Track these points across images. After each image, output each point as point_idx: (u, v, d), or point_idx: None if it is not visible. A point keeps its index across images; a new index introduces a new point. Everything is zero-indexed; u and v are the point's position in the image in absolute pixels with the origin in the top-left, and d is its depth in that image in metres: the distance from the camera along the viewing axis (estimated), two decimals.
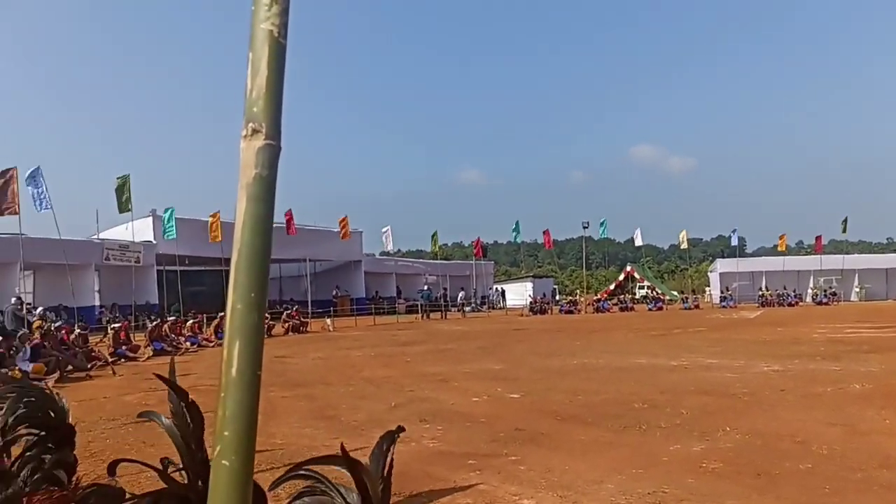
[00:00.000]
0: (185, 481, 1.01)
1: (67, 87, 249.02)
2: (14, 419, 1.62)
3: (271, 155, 0.67)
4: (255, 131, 0.67)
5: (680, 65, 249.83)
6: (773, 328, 24.35)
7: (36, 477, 1.61)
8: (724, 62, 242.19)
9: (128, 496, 1.54)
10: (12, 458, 1.60)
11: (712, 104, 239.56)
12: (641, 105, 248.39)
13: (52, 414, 1.66)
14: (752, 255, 74.84)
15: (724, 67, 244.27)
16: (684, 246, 55.71)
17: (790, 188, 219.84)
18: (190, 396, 1.04)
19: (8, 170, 21.65)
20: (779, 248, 52.23)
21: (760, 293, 47.68)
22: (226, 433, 0.64)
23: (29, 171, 23.33)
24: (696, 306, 45.76)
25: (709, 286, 56.17)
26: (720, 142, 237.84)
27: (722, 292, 48.70)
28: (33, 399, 1.65)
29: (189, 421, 1.01)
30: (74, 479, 1.66)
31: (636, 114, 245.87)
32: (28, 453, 1.62)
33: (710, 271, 57.75)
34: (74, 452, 1.73)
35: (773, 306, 44.41)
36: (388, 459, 0.88)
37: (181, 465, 1.02)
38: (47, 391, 1.73)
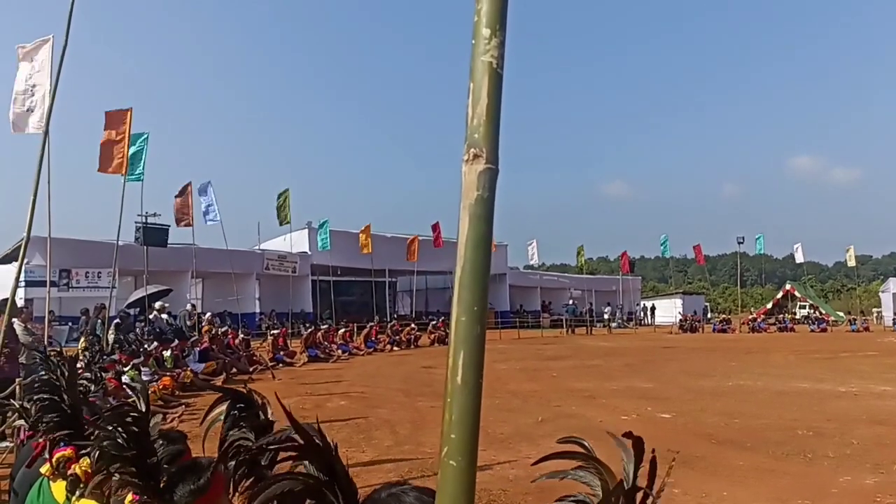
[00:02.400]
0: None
1: (234, 107, 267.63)
2: (232, 424, 1.72)
3: (491, 178, 0.72)
4: (476, 156, 0.72)
5: (839, 68, 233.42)
6: None
7: (250, 478, 1.72)
8: (889, 62, 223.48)
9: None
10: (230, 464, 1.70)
11: (877, 110, 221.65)
12: (798, 114, 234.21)
13: (262, 416, 1.75)
14: None
15: (889, 68, 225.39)
16: (852, 263, 51.83)
17: None
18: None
19: (186, 185, 23.51)
20: None
21: None
22: (452, 436, 0.69)
23: (200, 185, 25.21)
24: (866, 329, 42.33)
25: (880, 307, 51.76)
26: (889, 150, 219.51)
27: (895, 314, 44.78)
28: (243, 403, 1.75)
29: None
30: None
31: (793, 123, 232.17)
32: (241, 456, 1.71)
33: (882, 291, 53.04)
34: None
35: None
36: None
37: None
38: (254, 395, 1.83)
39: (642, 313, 52.97)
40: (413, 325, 29.45)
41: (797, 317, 49.02)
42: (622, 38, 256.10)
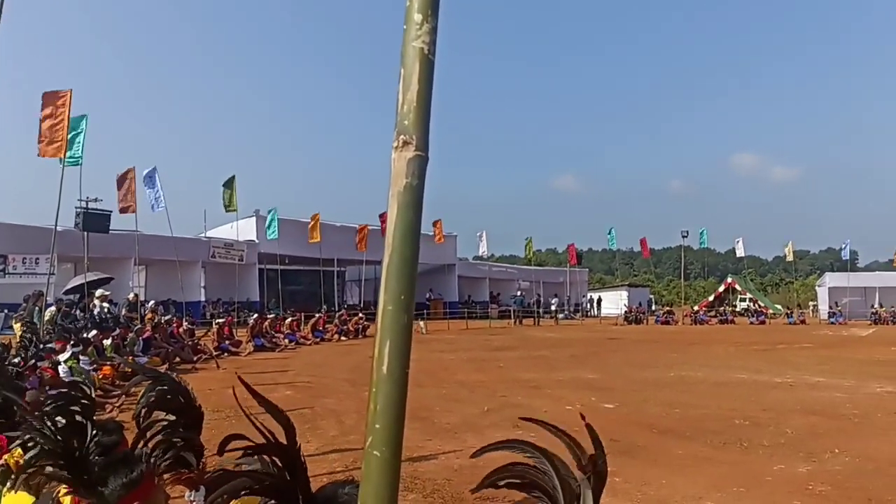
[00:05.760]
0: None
1: (180, 90, 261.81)
2: (149, 404, 1.73)
3: (421, 165, 0.71)
4: (405, 143, 0.71)
5: (782, 68, 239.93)
6: (887, 347, 22.97)
7: (167, 458, 1.72)
8: (832, 62, 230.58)
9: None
10: (149, 442, 1.71)
11: (819, 110, 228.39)
12: (742, 112, 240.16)
13: (182, 399, 1.76)
14: (865, 269, 70.99)
15: (832, 68, 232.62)
16: (790, 258, 53.37)
17: None
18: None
19: (127, 170, 22.90)
20: (894, 263, 49.23)
21: (873, 310, 45.06)
22: (377, 426, 0.68)
23: (146, 172, 24.62)
24: (802, 321, 43.73)
25: (816, 301, 53.51)
26: (829, 149, 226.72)
27: (830, 308, 46.28)
28: (166, 386, 1.76)
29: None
30: (202, 462, 1.76)
31: (736, 121, 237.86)
32: (159, 436, 1.73)
33: (818, 285, 54.87)
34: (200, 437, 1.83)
35: (887, 324, 41.82)
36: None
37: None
38: (177, 378, 1.85)
39: (589, 305, 53.67)
40: (361, 315, 29.32)
41: (737, 309, 50.36)
42: (572, 37, 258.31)
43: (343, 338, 26.22)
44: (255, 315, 23.40)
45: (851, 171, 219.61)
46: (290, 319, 24.87)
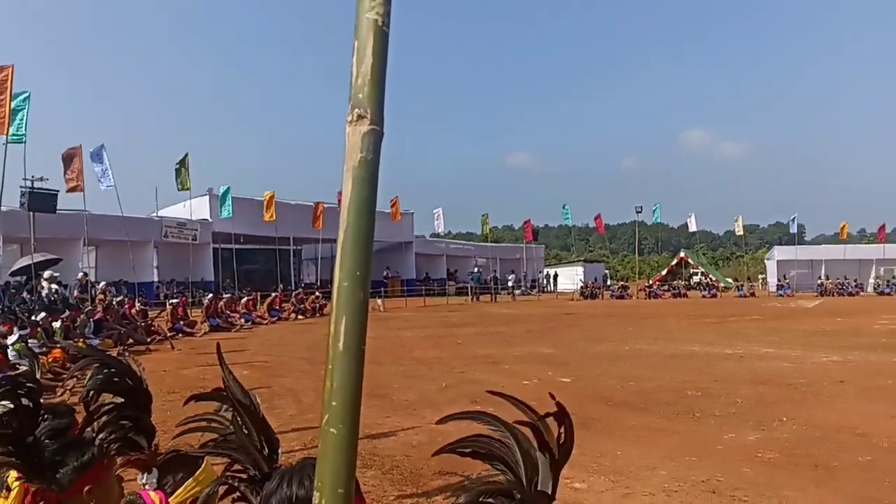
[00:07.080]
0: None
1: (129, 65, 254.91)
2: (97, 387, 1.71)
3: (376, 139, 0.70)
4: (360, 117, 0.70)
5: (730, 46, 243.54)
6: (833, 318, 23.72)
7: (116, 441, 1.69)
8: (777, 41, 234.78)
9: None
10: (97, 426, 1.69)
11: (767, 87, 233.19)
12: (689, 89, 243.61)
13: (130, 381, 1.74)
14: (812, 242, 72.87)
15: (779, 43, 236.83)
16: (740, 232, 54.42)
17: (853, 174, 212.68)
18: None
19: (73, 147, 22.25)
20: (840, 237, 50.64)
21: (820, 282, 46.36)
22: (333, 403, 0.67)
23: (93, 149, 23.96)
24: (752, 294, 44.76)
25: (765, 274, 54.82)
26: (777, 126, 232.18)
27: (779, 280, 47.49)
28: (113, 368, 1.73)
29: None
30: (154, 444, 1.73)
31: (685, 98, 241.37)
32: (107, 418, 1.71)
33: (767, 259, 56.21)
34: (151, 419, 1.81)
35: (833, 296, 43.14)
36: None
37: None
38: (124, 360, 1.82)
39: (545, 281, 54.13)
40: (318, 294, 29.16)
41: (690, 283, 51.31)
42: (526, 13, 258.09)
43: (300, 317, 26.08)
44: (210, 295, 23.10)
45: (799, 146, 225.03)
46: (245, 299, 24.61)
